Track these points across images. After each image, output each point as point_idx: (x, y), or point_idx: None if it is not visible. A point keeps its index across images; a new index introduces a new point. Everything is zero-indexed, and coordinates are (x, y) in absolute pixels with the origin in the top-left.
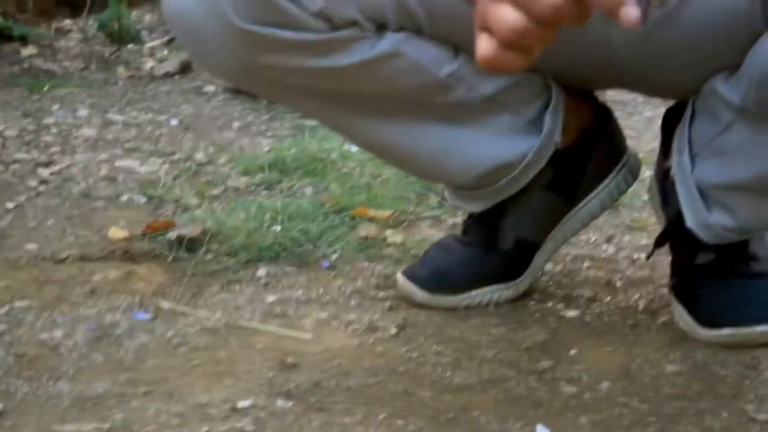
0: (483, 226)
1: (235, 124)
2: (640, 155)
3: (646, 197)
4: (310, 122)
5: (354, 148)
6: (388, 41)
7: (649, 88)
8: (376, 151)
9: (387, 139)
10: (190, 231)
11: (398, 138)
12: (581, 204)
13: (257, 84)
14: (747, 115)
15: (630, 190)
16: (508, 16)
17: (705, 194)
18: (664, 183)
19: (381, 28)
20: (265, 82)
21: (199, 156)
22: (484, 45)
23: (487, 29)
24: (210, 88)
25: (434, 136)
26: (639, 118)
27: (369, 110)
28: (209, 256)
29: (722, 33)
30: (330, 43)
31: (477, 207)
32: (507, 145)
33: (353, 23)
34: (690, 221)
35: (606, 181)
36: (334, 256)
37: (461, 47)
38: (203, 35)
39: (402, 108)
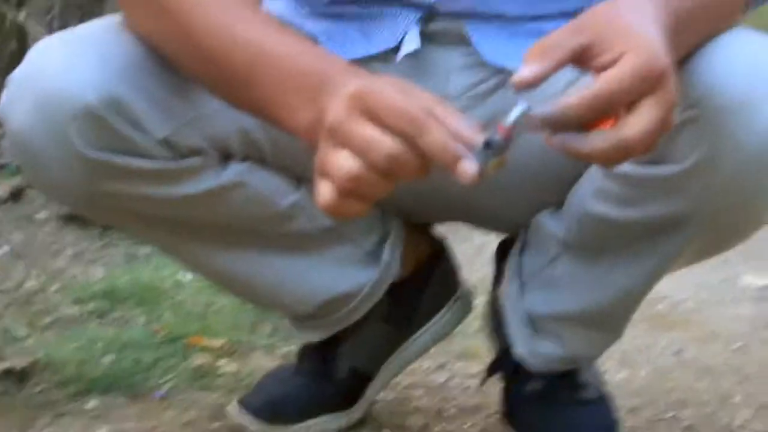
0: (318, 355)
1: (68, 252)
2: (472, 281)
3: (477, 325)
4: (144, 250)
5: (188, 277)
6: (233, 171)
7: (482, 222)
8: (218, 279)
9: (228, 268)
10: (19, 362)
11: (239, 267)
12: (414, 336)
13: (100, 210)
14: (571, 250)
15: None
16: (345, 163)
17: (534, 323)
18: (495, 311)
19: (226, 157)
20: (108, 208)
21: (31, 284)
22: (324, 191)
23: (326, 175)
24: (42, 215)
25: (274, 266)
26: (470, 245)
27: (211, 239)
28: (39, 388)
29: (548, 172)
30: (175, 172)
31: (315, 336)
32: (346, 276)
33: (198, 152)
34: (518, 349)
35: (439, 315)
36: (166, 387)
37: (303, 177)
38: (46, 159)
39: (244, 237)
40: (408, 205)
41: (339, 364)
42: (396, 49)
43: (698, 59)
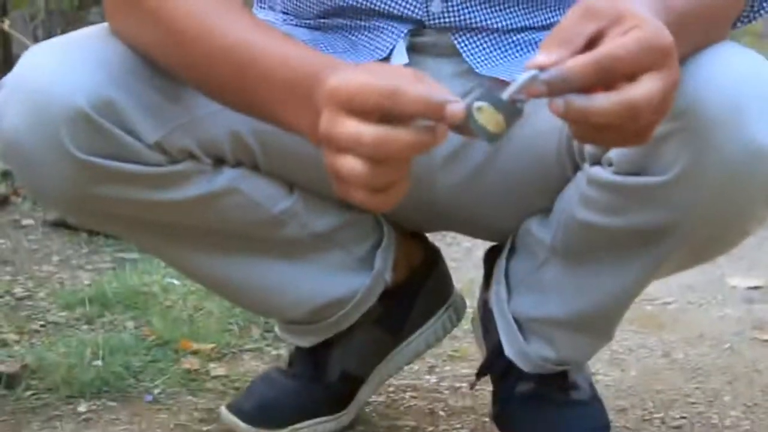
0: (309, 359)
1: (55, 258)
2: (460, 285)
3: (466, 327)
4: (131, 255)
5: (176, 281)
6: (225, 177)
7: (472, 230)
8: (209, 284)
9: (220, 273)
10: (8, 367)
11: (231, 272)
12: (407, 341)
13: (91, 215)
14: (558, 255)
15: None
16: (350, 166)
17: (522, 326)
18: (485, 314)
19: (219, 162)
20: (99, 212)
21: (18, 290)
22: (358, 197)
23: (345, 182)
24: (28, 222)
25: (267, 272)
26: (458, 249)
27: (203, 244)
28: (29, 393)
29: (535, 179)
30: (167, 177)
31: (307, 342)
32: (338, 281)
33: (191, 156)
34: (508, 350)
35: (432, 321)
36: (157, 390)
37: (296, 183)
38: (37, 163)
39: (236, 243)
40: (399, 214)
41: (330, 368)
42: (386, 60)
43: (685, 70)
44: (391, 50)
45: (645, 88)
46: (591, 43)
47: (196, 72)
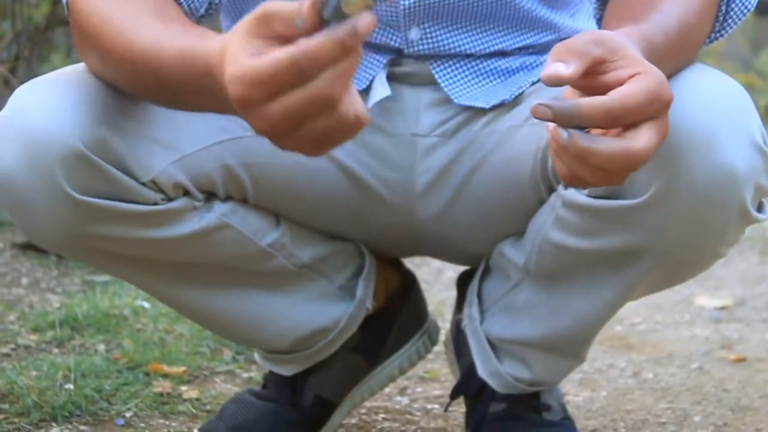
0: (285, 383)
1: (24, 281)
2: (431, 307)
3: (437, 349)
4: (101, 278)
5: (146, 304)
6: (216, 212)
7: (448, 255)
8: (195, 316)
9: (206, 305)
10: None
11: (217, 304)
12: (381, 366)
13: (85, 253)
14: (531, 277)
15: None
16: (303, 142)
17: (495, 346)
18: (457, 335)
19: (210, 197)
20: (93, 251)
21: None
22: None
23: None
24: None
25: (253, 303)
26: (428, 270)
27: (190, 277)
28: (0, 417)
29: (511, 202)
30: (161, 215)
31: (288, 371)
32: (322, 310)
33: (184, 192)
34: (482, 371)
35: (407, 346)
36: (129, 414)
37: (282, 214)
38: (33, 204)
39: (222, 275)
40: (379, 241)
41: (305, 393)
42: (366, 90)
43: None
44: (371, 80)
45: (645, 141)
46: (594, 67)
47: (146, 88)
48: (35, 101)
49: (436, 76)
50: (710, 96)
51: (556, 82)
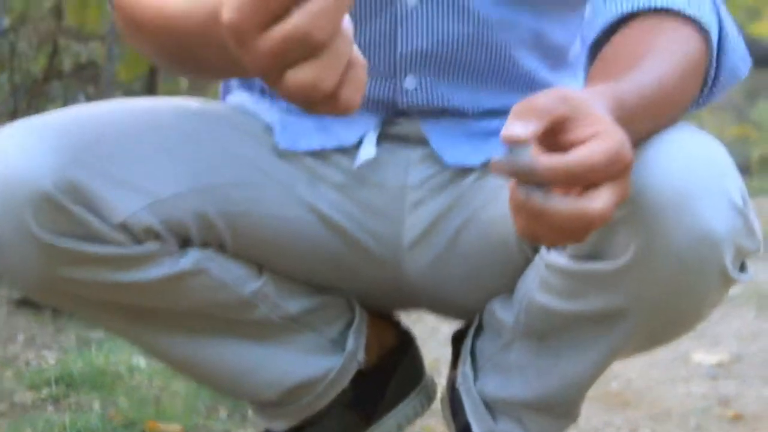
0: None
1: (20, 337)
2: (426, 363)
3: (433, 405)
4: (97, 335)
5: (142, 361)
6: (191, 258)
7: (440, 309)
8: (178, 366)
9: (189, 355)
10: None
11: (200, 354)
12: (378, 423)
13: (57, 296)
14: (520, 336)
15: None
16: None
17: (490, 405)
18: (452, 394)
19: (185, 243)
20: (65, 294)
21: None
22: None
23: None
24: None
25: (237, 353)
26: (423, 327)
27: (171, 326)
28: None
29: (498, 261)
30: (132, 259)
31: (280, 425)
32: (310, 363)
33: (156, 237)
34: (477, 430)
35: (404, 403)
36: None
37: (265, 265)
38: (3, 246)
39: (205, 324)
40: (369, 295)
41: None
42: (355, 147)
43: (634, 155)
44: (362, 137)
45: (602, 202)
46: (556, 125)
47: (168, 55)
48: (11, 143)
49: (428, 137)
50: (687, 155)
51: (513, 142)
